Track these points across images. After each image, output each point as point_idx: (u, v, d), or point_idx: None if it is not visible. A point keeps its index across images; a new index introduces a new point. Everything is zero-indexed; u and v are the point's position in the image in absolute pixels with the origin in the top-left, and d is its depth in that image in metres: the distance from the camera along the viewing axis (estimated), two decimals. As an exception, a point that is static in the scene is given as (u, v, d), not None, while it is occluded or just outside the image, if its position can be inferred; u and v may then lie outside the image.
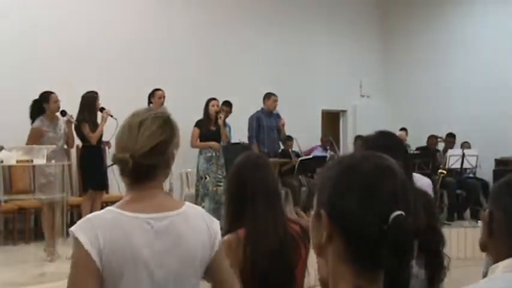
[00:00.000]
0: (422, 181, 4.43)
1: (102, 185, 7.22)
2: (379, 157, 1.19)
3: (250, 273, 2.34)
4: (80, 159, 7.41)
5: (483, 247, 1.64)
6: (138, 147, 1.79)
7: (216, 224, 1.91)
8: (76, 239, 1.69)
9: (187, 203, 1.90)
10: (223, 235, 2.35)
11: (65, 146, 7.16)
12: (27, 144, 6.81)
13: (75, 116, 7.13)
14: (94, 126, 7.13)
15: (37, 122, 6.76)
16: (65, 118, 6.97)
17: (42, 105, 6.80)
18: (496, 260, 1.57)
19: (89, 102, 7.21)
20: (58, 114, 6.96)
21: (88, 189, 7.22)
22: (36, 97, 6.89)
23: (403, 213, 1.10)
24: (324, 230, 1.15)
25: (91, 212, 1.96)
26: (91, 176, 7.08)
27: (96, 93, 7.30)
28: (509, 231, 1.57)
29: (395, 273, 1.12)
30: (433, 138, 11.06)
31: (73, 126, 7.08)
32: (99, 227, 1.69)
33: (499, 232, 1.59)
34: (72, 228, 1.71)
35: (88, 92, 7.28)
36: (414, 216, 1.16)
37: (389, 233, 1.08)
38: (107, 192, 7.61)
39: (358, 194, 1.12)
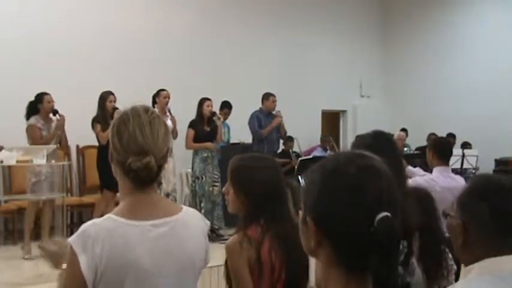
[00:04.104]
0: (460, 180, 4.43)
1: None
2: (363, 157, 1.17)
3: (269, 271, 2.31)
4: (97, 159, 7.40)
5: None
6: (158, 149, 1.72)
7: (207, 228, 1.89)
8: (71, 248, 1.65)
9: (184, 207, 1.86)
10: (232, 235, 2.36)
11: (57, 145, 7.14)
12: (30, 143, 6.84)
13: (72, 117, 7.14)
14: (106, 125, 7.14)
15: (32, 120, 6.85)
16: (56, 117, 6.99)
17: (37, 106, 6.89)
18: (470, 263, 1.54)
19: (100, 101, 7.31)
20: (50, 114, 7.00)
21: (103, 189, 7.21)
22: (33, 98, 6.96)
23: (388, 214, 1.09)
24: (312, 236, 1.14)
25: (104, 212, 1.90)
26: (107, 176, 6.97)
27: (107, 93, 7.33)
28: (484, 238, 1.54)
29: (384, 275, 1.11)
30: (432, 136, 11.05)
31: (64, 126, 7.06)
32: (96, 237, 1.64)
33: (474, 241, 1.55)
34: (70, 240, 1.66)
35: (103, 92, 7.36)
36: (404, 216, 1.15)
37: (375, 235, 1.08)
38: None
39: (343, 200, 1.11)
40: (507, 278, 1.48)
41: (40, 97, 6.94)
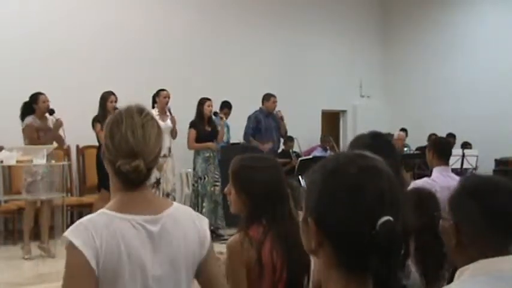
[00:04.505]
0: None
1: None
2: (364, 158, 1.17)
3: (270, 271, 2.30)
4: (97, 158, 7.39)
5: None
6: (148, 152, 1.72)
7: (205, 223, 1.88)
8: (70, 243, 1.64)
9: (175, 203, 1.87)
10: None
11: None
12: (26, 143, 6.83)
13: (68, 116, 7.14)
14: None
15: (29, 119, 6.82)
16: (52, 117, 6.98)
17: (32, 106, 6.87)
18: (463, 264, 1.53)
19: (101, 101, 7.31)
20: (47, 114, 6.98)
21: (101, 189, 7.18)
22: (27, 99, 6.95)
23: (390, 218, 1.08)
24: (313, 237, 1.14)
25: None
26: (106, 175, 6.89)
27: (108, 93, 7.33)
28: (477, 238, 1.52)
29: (385, 278, 1.11)
30: (433, 137, 11.04)
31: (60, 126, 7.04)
32: (94, 231, 1.65)
33: (468, 241, 1.54)
34: (65, 233, 1.66)
35: (104, 92, 7.35)
36: (405, 219, 1.14)
37: (377, 238, 1.07)
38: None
39: (343, 200, 1.10)
40: (507, 278, 1.46)
41: (35, 97, 6.91)
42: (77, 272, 1.64)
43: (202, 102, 8.05)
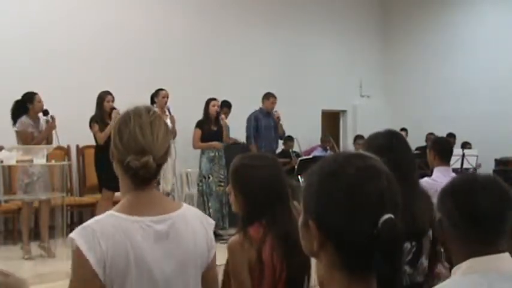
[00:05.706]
0: None
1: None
2: (362, 158, 1.16)
3: (270, 271, 2.30)
4: (95, 159, 7.37)
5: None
6: (157, 149, 1.74)
7: (211, 228, 1.89)
8: (76, 247, 1.64)
9: (185, 205, 1.88)
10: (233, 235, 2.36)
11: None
12: (20, 144, 6.81)
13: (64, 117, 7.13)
14: (104, 125, 7.14)
15: (22, 120, 6.77)
16: (46, 117, 6.96)
17: (26, 105, 6.84)
18: (457, 263, 1.56)
19: (98, 101, 7.30)
20: (40, 114, 6.96)
21: (102, 189, 7.16)
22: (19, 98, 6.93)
23: (392, 216, 1.08)
24: (314, 239, 1.13)
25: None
26: (105, 175, 6.93)
27: (105, 92, 7.33)
28: (458, 235, 1.54)
29: (388, 277, 1.10)
30: (431, 136, 11.03)
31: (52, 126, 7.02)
32: (101, 234, 1.65)
33: (450, 238, 1.57)
34: (72, 235, 1.66)
35: (101, 91, 7.35)
36: (415, 216, 1.14)
37: (379, 237, 1.07)
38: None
39: (343, 202, 1.10)
40: (492, 277, 1.48)
41: (30, 96, 6.86)
42: (82, 276, 1.65)
43: (208, 102, 8.11)
